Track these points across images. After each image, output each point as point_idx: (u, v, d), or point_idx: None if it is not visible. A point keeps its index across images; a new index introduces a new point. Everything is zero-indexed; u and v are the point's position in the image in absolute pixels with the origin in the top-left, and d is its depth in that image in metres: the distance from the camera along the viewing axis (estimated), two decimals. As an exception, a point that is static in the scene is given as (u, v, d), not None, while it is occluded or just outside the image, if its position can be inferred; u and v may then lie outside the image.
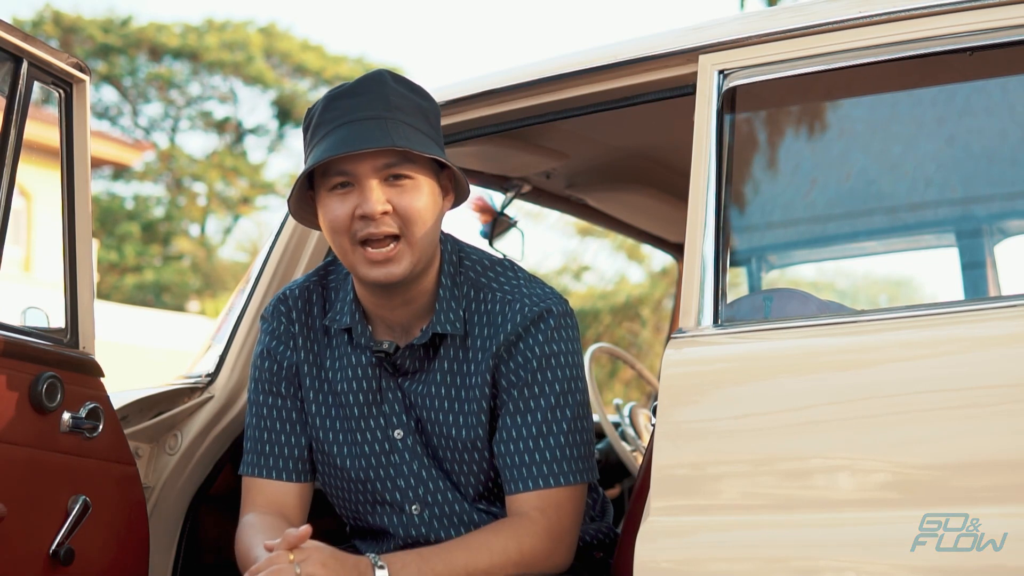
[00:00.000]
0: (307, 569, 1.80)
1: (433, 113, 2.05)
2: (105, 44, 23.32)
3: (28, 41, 2.16)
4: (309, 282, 2.20)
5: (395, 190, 1.98)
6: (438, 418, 2.08)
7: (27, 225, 15.36)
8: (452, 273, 2.10)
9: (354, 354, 2.12)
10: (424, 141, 1.99)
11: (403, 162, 1.98)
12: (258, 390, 2.17)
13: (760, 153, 2.18)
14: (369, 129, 1.95)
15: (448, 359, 2.08)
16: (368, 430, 2.11)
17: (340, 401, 2.13)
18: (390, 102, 1.98)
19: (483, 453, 2.07)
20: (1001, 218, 2.97)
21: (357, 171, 1.97)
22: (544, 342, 2.04)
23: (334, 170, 1.98)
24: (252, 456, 2.15)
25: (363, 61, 25.23)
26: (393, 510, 2.12)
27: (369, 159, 1.96)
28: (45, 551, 2.15)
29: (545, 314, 2.05)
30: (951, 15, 1.88)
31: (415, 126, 1.99)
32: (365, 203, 1.96)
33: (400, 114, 1.98)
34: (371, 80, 2.01)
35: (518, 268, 2.16)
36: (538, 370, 2.03)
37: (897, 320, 1.85)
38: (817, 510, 1.75)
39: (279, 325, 2.17)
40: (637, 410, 3.53)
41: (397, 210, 1.98)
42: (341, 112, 1.98)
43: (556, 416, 2.03)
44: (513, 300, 2.07)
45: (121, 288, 21.65)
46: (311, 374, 2.15)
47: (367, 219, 1.97)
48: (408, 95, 2.02)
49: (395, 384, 2.11)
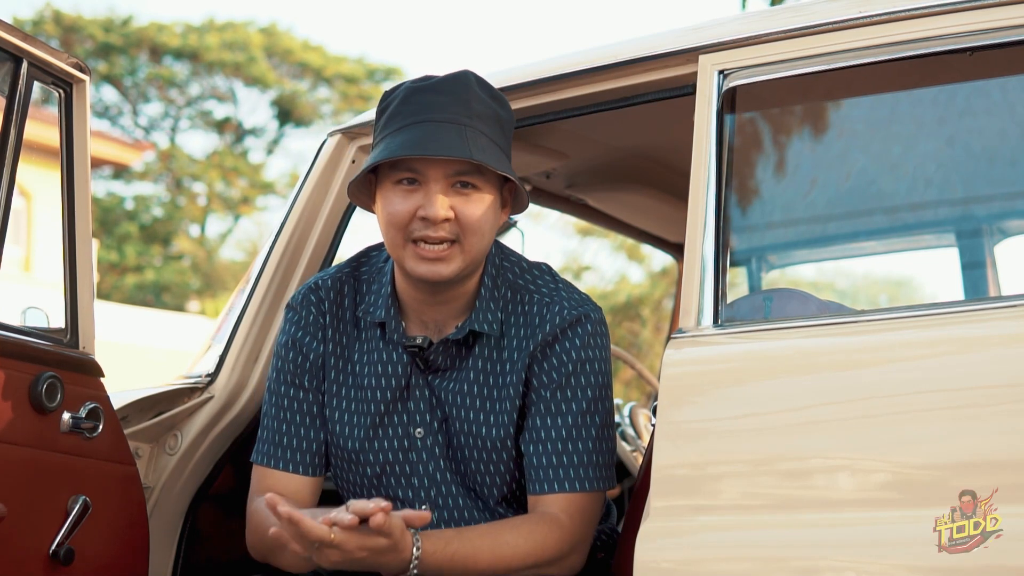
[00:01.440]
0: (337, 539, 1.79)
1: (508, 123, 2.05)
2: (105, 44, 23.31)
3: (28, 41, 2.16)
4: (342, 273, 2.18)
5: (460, 198, 1.98)
6: (468, 416, 2.08)
7: (27, 225, 15.35)
8: (494, 274, 2.10)
9: (385, 349, 2.11)
10: (498, 154, 1.98)
11: (473, 172, 1.97)
12: (280, 380, 2.16)
13: (760, 153, 2.18)
14: (448, 134, 1.93)
15: (483, 358, 2.08)
16: (390, 426, 2.11)
17: (365, 396, 2.12)
18: (471, 108, 1.97)
19: (509, 453, 2.07)
20: (1001, 218, 2.97)
21: (427, 173, 1.96)
22: (581, 347, 2.04)
23: (404, 166, 1.98)
24: (267, 446, 2.14)
25: (363, 61, 25.22)
26: (404, 508, 2.11)
27: (442, 164, 1.96)
28: (45, 551, 2.15)
29: (583, 319, 2.06)
30: (951, 15, 1.88)
31: (491, 137, 1.98)
32: (429, 206, 1.96)
33: (479, 123, 1.97)
34: (456, 80, 2.00)
35: (555, 273, 2.17)
36: (572, 374, 2.03)
37: (897, 320, 1.85)
38: (817, 510, 1.75)
39: (308, 315, 2.15)
40: (637, 410, 3.53)
41: (459, 217, 1.98)
42: (421, 108, 1.96)
43: (586, 421, 2.03)
44: (552, 303, 2.08)
45: (121, 288, 21.65)
46: (336, 366, 2.14)
47: (427, 221, 1.97)
48: (489, 102, 2.01)
49: (424, 381, 2.10)
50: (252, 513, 2.09)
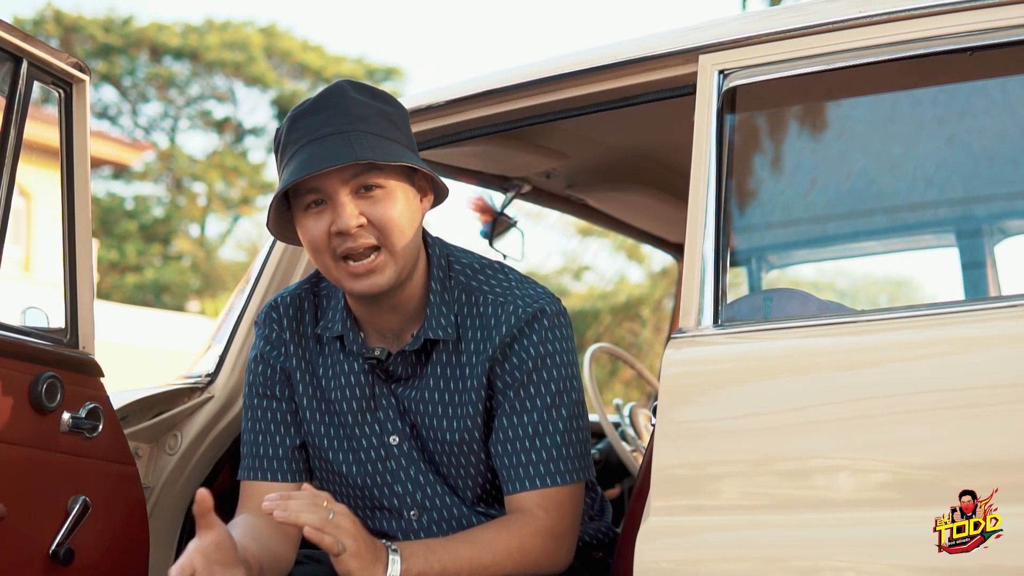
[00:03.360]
0: (338, 520, 1.80)
1: (400, 116, 2.04)
2: (106, 44, 23.32)
3: (28, 41, 2.16)
4: (301, 290, 2.19)
5: (367, 201, 1.97)
6: (432, 423, 2.08)
7: (27, 225, 15.35)
8: (442, 277, 2.10)
9: (346, 361, 2.12)
10: (390, 148, 1.97)
11: (371, 172, 1.96)
12: (252, 394, 2.17)
13: (760, 153, 2.18)
14: (332, 146, 1.94)
15: (441, 364, 2.08)
16: (364, 436, 2.11)
17: (334, 409, 2.13)
18: (351, 113, 1.97)
19: (479, 455, 2.07)
20: (1001, 218, 2.97)
21: (326, 188, 1.96)
22: (539, 342, 2.04)
23: (304, 189, 1.98)
24: (248, 460, 2.15)
25: (363, 61, 25.22)
26: (392, 515, 2.12)
27: (336, 174, 1.95)
28: (45, 551, 2.15)
29: (539, 314, 2.05)
30: (951, 15, 1.88)
31: (381, 134, 1.98)
32: (339, 219, 1.96)
33: (363, 124, 1.97)
34: (331, 94, 2.00)
35: (509, 269, 2.15)
36: (533, 370, 2.03)
37: (897, 320, 1.85)
38: (817, 510, 1.75)
39: (271, 332, 2.16)
40: (637, 410, 3.53)
41: (372, 221, 1.97)
42: (304, 131, 1.97)
43: (552, 415, 2.03)
44: (506, 302, 2.07)
45: (121, 288, 21.65)
46: (304, 381, 2.15)
47: (343, 235, 1.96)
48: (370, 103, 2.00)
49: (388, 390, 2.11)
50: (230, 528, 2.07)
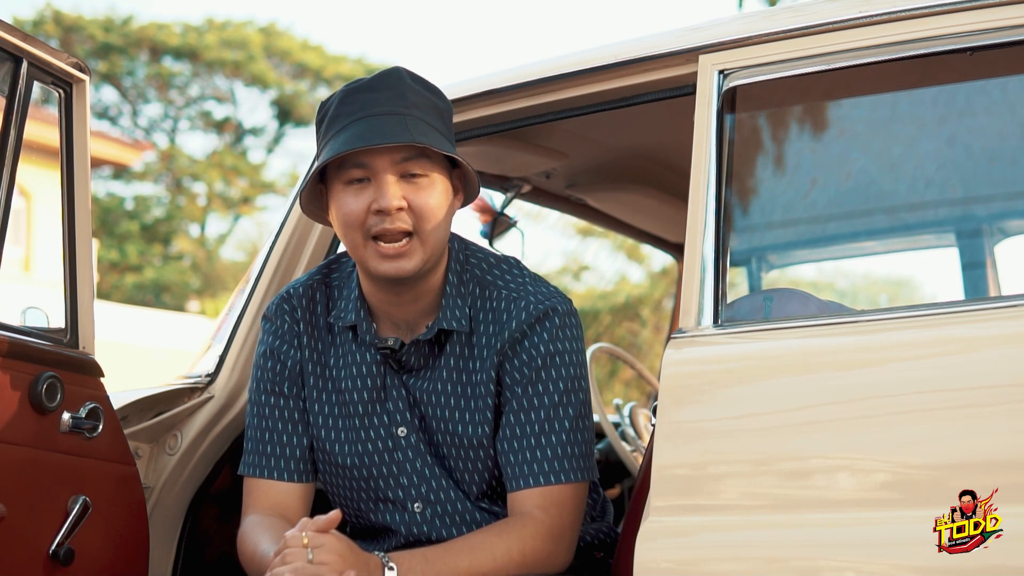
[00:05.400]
0: (320, 556, 1.80)
1: (447, 112, 2.07)
2: (105, 43, 23.32)
3: (28, 41, 2.16)
4: (312, 280, 2.20)
5: (410, 187, 1.99)
6: (443, 415, 2.08)
7: (27, 225, 15.36)
8: (459, 271, 2.11)
9: (359, 351, 2.13)
10: (440, 139, 2.00)
11: (420, 158, 1.99)
12: (260, 390, 2.17)
13: (760, 153, 2.18)
14: (388, 124, 1.96)
15: (454, 356, 2.09)
16: (372, 427, 2.12)
17: (344, 399, 2.13)
18: (407, 99, 2.00)
19: (487, 451, 2.07)
20: (1001, 218, 2.97)
21: (375, 165, 1.98)
22: (548, 340, 2.05)
23: (351, 163, 1.99)
24: (253, 456, 2.15)
25: (363, 61, 25.22)
26: (396, 508, 2.12)
27: (387, 153, 1.97)
28: (45, 551, 2.15)
29: (550, 312, 2.06)
30: (951, 15, 1.88)
31: (432, 124, 2.01)
32: (382, 198, 1.97)
33: (417, 111, 1.99)
34: (389, 76, 2.03)
35: (523, 267, 2.17)
36: (542, 368, 2.04)
37: (897, 320, 1.85)
38: (817, 510, 1.75)
39: (283, 324, 2.17)
40: (637, 410, 3.53)
41: (412, 207, 1.99)
42: (359, 106, 1.99)
43: (559, 414, 2.03)
44: (518, 298, 2.08)
45: (121, 288, 21.65)
46: (315, 372, 2.15)
47: (383, 214, 1.98)
48: (424, 93, 2.03)
49: (400, 381, 2.11)
50: (246, 532, 2.08)
